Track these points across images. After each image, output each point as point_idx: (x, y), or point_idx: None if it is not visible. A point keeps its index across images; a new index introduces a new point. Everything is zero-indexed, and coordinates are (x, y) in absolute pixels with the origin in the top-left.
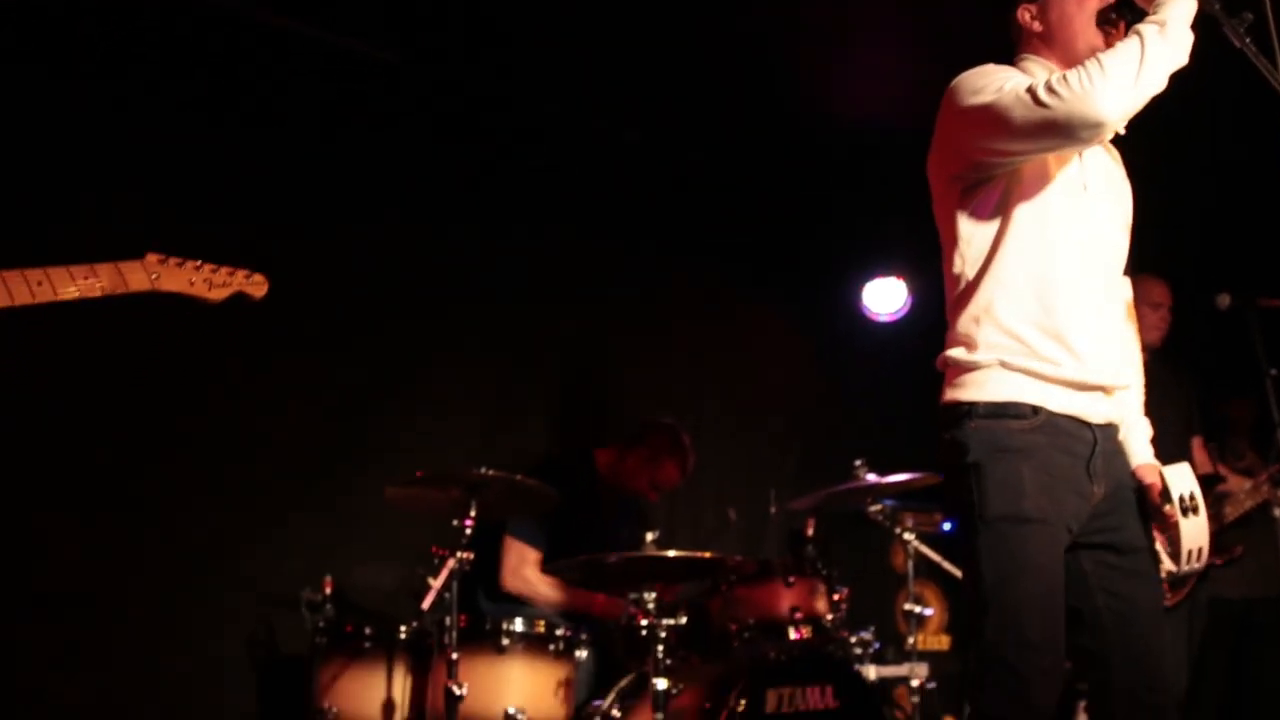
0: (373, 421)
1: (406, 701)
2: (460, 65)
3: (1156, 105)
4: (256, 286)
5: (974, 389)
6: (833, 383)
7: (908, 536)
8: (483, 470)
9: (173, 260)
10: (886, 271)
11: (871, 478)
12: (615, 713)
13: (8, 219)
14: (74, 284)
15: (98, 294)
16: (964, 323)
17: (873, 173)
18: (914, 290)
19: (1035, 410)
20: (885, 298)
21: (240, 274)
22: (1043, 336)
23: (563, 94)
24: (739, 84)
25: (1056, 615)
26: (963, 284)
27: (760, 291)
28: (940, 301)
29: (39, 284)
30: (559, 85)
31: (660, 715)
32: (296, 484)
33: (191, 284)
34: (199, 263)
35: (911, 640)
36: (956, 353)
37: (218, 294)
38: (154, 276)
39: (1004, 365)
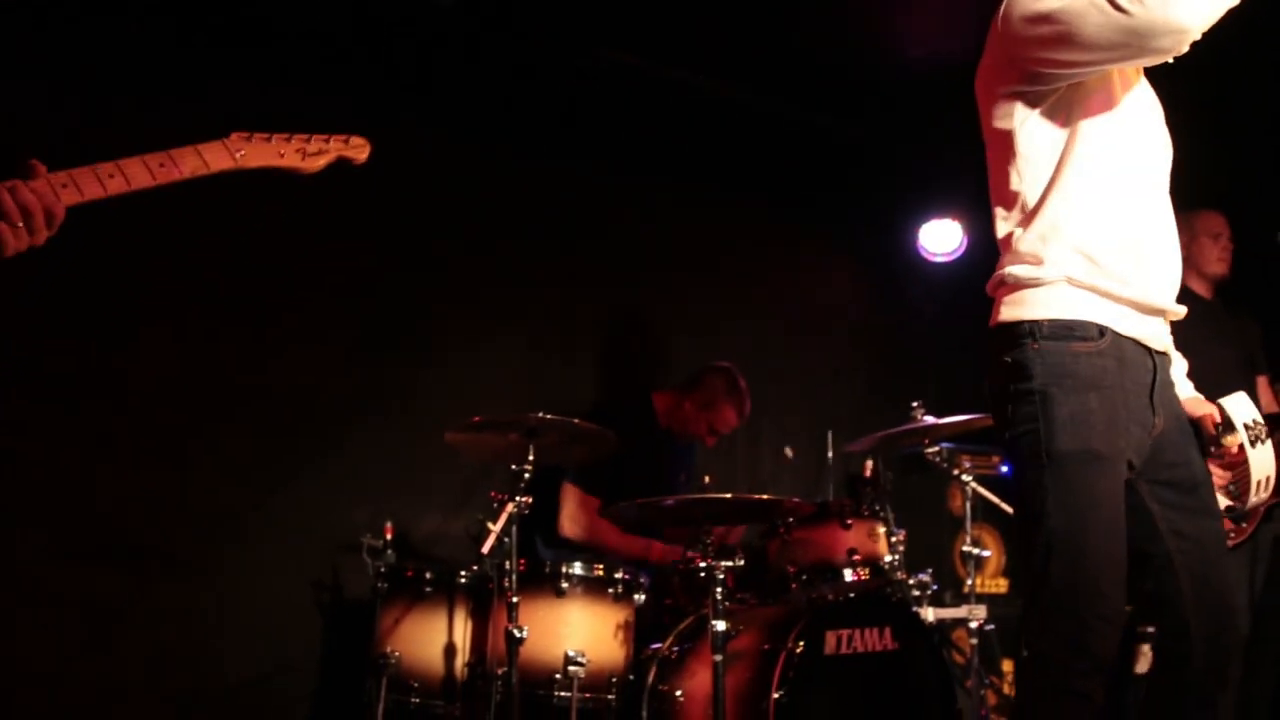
0: (432, 366)
1: (467, 645)
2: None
3: (1217, 36)
4: (358, 150)
5: (1037, 306)
6: (890, 324)
7: (965, 478)
8: (540, 414)
9: (258, 135)
10: (943, 213)
11: (929, 419)
12: (674, 655)
13: None
14: (149, 173)
15: (177, 178)
16: (1027, 241)
17: (929, 112)
18: (970, 231)
19: (1102, 332)
20: (941, 239)
21: (337, 139)
22: (1112, 253)
23: (612, 30)
24: (794, 20)
25: (1121, 559)
26: (1023, 202)
27: (817, 232)
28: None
29: (111, 177)
30: (610, 21)
31: (719, 657)
32: (357, 430)
33: (282, 155)
34: (288, 134)
35: (970, 582)
36: (1018, 269)
37: (313, 163)
38: (239, 154)
39: (1070, 282)
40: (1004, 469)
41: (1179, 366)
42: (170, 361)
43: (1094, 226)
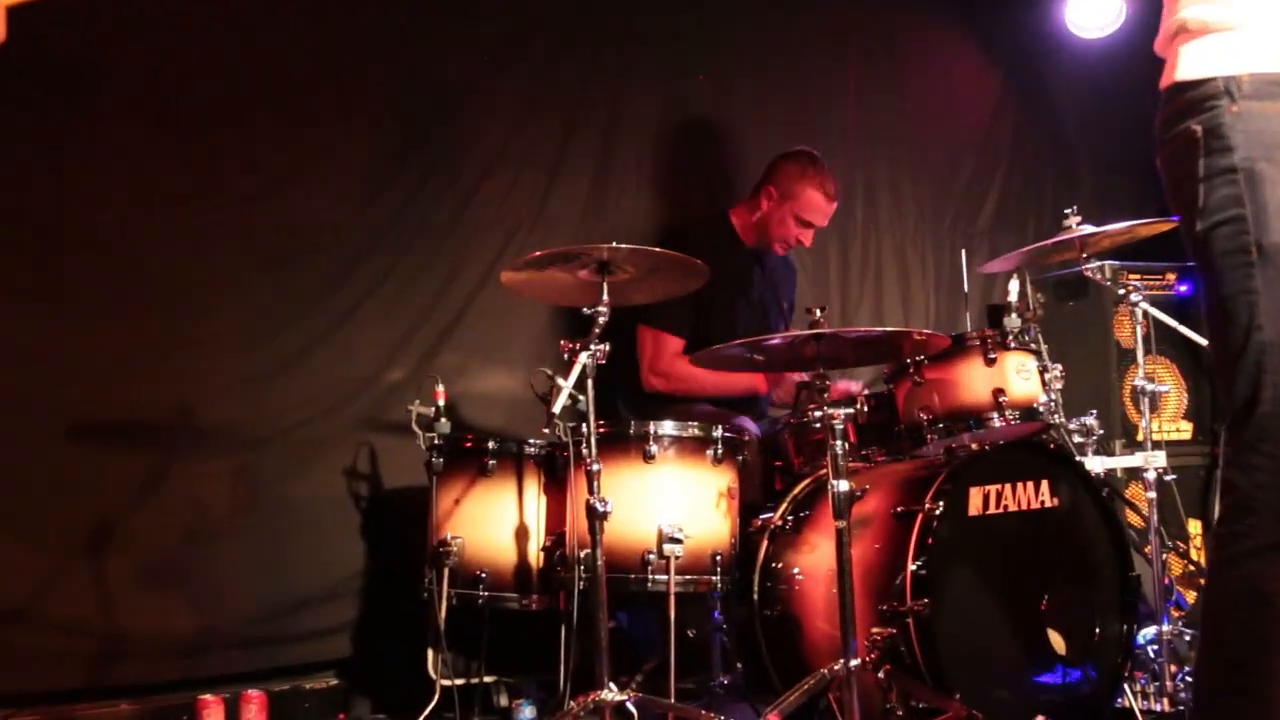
0: (467, 197)
1: (543, 525)
2: None
3: None
4: None
5: (1234, 56)
6: (1032, 117)
7: (1134, 299)
8: (614, 244)
9: None
10: None
11: (1086, 229)
12: (788, 526)
13: None
14: None
15: None
16: None
17: None
18: (1132, 1)
19: None
20: (1094, 9)
21: None
22: None
23: None
24: None
25: None
26: None
27: (936, 10)
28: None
29: None
30: None
31: (843, 523)
32: (390, 272)
33: None
34: None
35: (1144, 426)
36: (1202, 9)
37: None
38: None
39: (1276, 22)
40: (1182, 288)
41: None
42: (154, 181)
43: None
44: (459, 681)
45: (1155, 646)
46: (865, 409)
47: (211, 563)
